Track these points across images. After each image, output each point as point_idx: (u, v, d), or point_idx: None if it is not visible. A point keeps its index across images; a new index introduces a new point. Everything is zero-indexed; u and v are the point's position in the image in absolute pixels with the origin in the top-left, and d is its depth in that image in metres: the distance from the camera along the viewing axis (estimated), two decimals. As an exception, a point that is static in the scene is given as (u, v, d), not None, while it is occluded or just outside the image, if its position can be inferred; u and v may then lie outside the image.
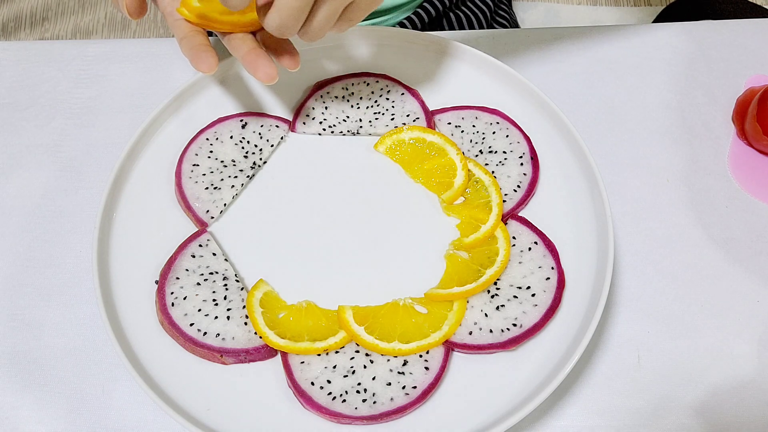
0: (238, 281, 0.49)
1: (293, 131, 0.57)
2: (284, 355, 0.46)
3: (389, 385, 0.45)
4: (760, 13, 0.82)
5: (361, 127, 0.56)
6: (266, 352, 0.47)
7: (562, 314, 0.48)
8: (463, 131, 0.56)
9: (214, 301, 0.48)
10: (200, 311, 0.48)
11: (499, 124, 0.56)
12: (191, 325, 0.47)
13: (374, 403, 0.45)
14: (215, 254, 0.50)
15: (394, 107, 0.57)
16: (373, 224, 0.52)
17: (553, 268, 0.49)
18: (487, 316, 0.48)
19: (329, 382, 0.46)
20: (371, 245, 0.52)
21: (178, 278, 0.49)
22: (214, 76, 0.57)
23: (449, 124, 0.56)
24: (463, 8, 0.79)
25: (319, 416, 0.45)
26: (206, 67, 0.46)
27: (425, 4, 0.75)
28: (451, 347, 0.47)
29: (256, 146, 0.55)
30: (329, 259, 0.51)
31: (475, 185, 0.53)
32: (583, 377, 0.50)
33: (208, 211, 0.52)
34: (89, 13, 1.20)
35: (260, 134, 0.56)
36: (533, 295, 0.48)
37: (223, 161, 0.54)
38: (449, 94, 0.58)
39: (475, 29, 0.78)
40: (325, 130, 0.56)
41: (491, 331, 0.47)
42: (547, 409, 0.49)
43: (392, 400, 0.45)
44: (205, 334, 0.47)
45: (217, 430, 0.44)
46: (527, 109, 0.57)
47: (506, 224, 0.51)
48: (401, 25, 0.74)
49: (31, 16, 1.19)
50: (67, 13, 1.20)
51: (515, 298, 0.48)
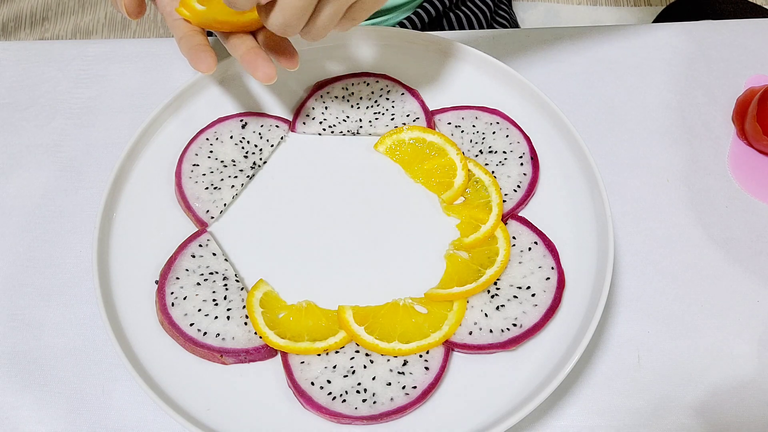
0: (238, 281, 0.49)
1: (293, 131, 0.57)
2: (284, 355, 0.46)
3: (389, 385, 0.45)
4: (760, 13, 0.82)
5: (361, 127, 0.56)
6: (266, 352, 0.47)
7: (562, 314, 0.48)
8: (463, 131, 0.56)
9: (214, 301, 0.48)
10: (200, 311, 0.48)
11: (499, 124, 0.56)
12: (191, 325, 0.47)
13: (374, 403, 0.45)
14: (215, 254, 0.50)
15: (394, 107, 0.57)
16: (373, 224, 0.52)
17: (553, 268, 0.49)
18: (487, 316, 0.48)
19: (329, 382, 0.46)
20: (371, 245, 0.52)
21: (178, 278, 0.49)
22: (213, 76, 0.57)
23: (449, 124, 0.56)
24: (463, 8, 0.79)
25: (319, 416, 0.45)
26: (205, 66, 0.46)
27: (425, 4, 0.75)
28: (451, 347, 0.47)
29: (256, 146, 0.55)
30: (329, 259, 0.51)
31: (475, 185, 0.53)
32: (583, 377, 0.50)
33: (208, 211, 0.52)
34: (89, 13, 1.20)
35: (260, 134, 0.56)
36: (533, 295, 0.48)
37: (223, 161, 0.54)
38: (449, 94, 0.58)
39: (475, 29, 0.78)
40: (325, 130, 0.56)
41: (491, 331, 0.47)
42: (547, 409, 0.49)
43: (392, 400, 0.45)
44: (205, 334, 0.47)
45: (217, 430, 0.45)
46: (527, 109, 0.57)
47: (506, 224, 0.51)
48: (401, 25, 0.74)
49: (31, 16, 1.19)
50: (67, 13, 1.20)
51: (515, 298, 0.48)
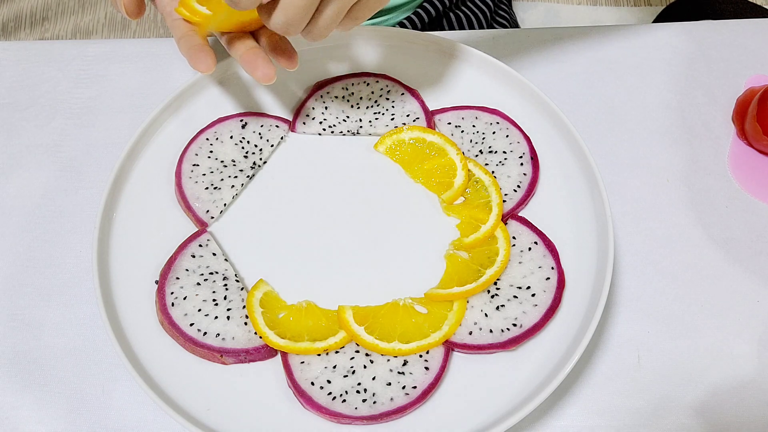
0: (238, 281, 0.49)
1: (293, 131, 0.57)
2: (284, 355, 0.46)
3: (389, 385, 0.45)
4: (760, 13, 0.82)
5: (361, 127, 0.56)
6: (266, 352, 0.47)
7: (562, 314, 0.48)
8: (463, 131, 0.56)
9: (214, 301, 0.48)
10: (200, 311, 0.48)
11: (499, 124, 0.56)
12: (191, 325, 0.47)
13: (374, 403, 0.45)
14: (215, 254, 0.50)
15: (394, 107, 0.57)
16: (373, 224, 0.52)
17: (553, 268, 0.49)
18: (487, 316, 0.48)
19: (329, 382, 0.46)
20: (371, 245, 0.52)
21: (178, 278, 0.49)
22: (213, 76, 0.57)
23: (449, 124, 0.56)
24: (463, 8, 0.79)
25: (319, 416, 0.45)
26: (204, 66, 0.46)
27: (425, 4, 0.75)
28: (451, 347, 0.47)
29: (256, 146, 0.55)
30: (329, 259, 0.51)
31: (475, 185, 0.53)
32: (583, 377, 0.50)
33: (208, 211, 0.52)
34: (89, 13, 1.20)
35: (260, 134, 0.56)
36: (533, 295, 0.48)
37: (223, 161, 0.54)
38: (449, 94, 0.58)
39: (475, 29, 0.78)
40: (325, 130, 0.56)
41: (491, 331, 0.47)
42: (547, 409, 0.49)
43: (392, 400, 0.45)
44: (205, 334, 0.47)
45: (217, 430, 0.44)
46: (527, 109, 0.57)
47: (506, 224, 0.51)
48: (401, 25, 0.74)
49: (31, 16, 1.19)
50: (67, 13, 1.20)
51: (515, 298, 0.48)
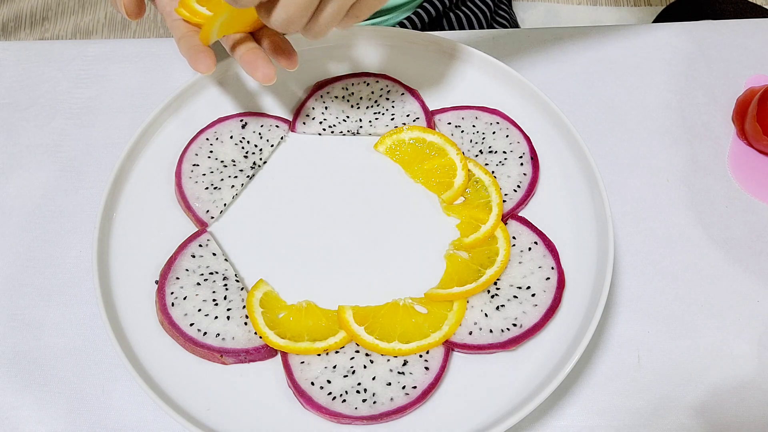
0: (238, 281, 0.49)
1: (293, 131, 0.57)
2: (284, 355, 0.46)
3: (389, 385, 0.45)
4: (760, 13, 0.82)
5: (361, 127, 0.56)
6: (266, 352, 0.47)
7: (562, 314, 0.48)
8: (463, 131, 0.56)
9: (214, 301, 0.48)
10: (200, 311, 0.48)
11: (499, 124, 0.56)
12: (191, 325, 0.47)
13: (374, 403, 0.45)
14: (215, 254, 0.50)
15: (394, 107, 0.57)
16: (373, 224, 0.52)
17: (553, 268, 0.49)
18: (487, 316, 0.48)
19: (329, 382, 0.46)
20: (371, 245, 0.52)
21: (178, 278, 0.49)
22: (213, 76, 0.57)
23: (449, 124, 0.56)
24: (463, 8, 0.79)
25: (319, 416, 0.45)
26: (204, 67, 0.46)
27: (425, 4, 0.75)
28: (451, 347, 0.47)
29: (256, 146, 0.55)
30: (329, 259, 0.51)
31: (475, 185, 0.53)
32: (583, 377, 0.50)
33: (208, 211, 0.52)
34: (89, 13, 1.20)
35: (260, 134, 0.56)
36: (533, 295, 0.48)
37: (223, 161, 0.54)
38: (449, 94, 0.58)
39: (475, 29, 0.78)
40: (325, 130, 0.56)
41: (491, 331, 0.47)
42: (547, 409, 0.49)
43: (392, 400, 0.45)
44: (205, 334, 0.47)
45: (217, 430, 0.44)
46: (527, 109, 0.57)
47: (506, 224, 0.51)
48: (401, 25, 0.74)
49: (31, 16, 1.19)
50: (67, 13, 1.20)
51: (515, 298, 0.48)
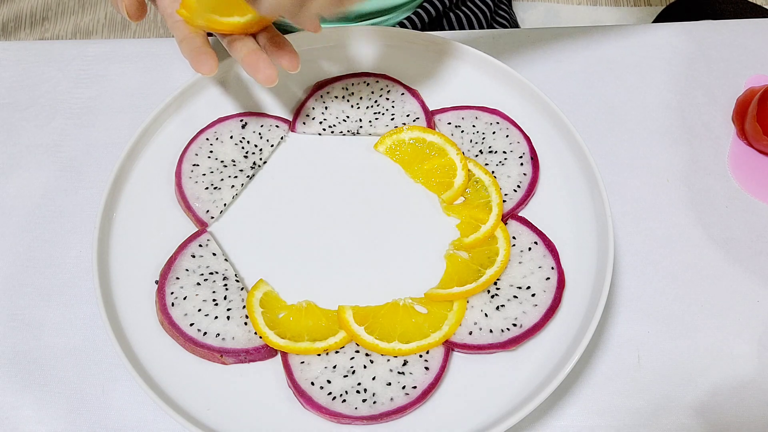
0: (238, 281, 0.49)
1: (293, 131, 0.57)
2: (284, 355, 0.46)
3: (389, 385, 0.45)
4: (760, 13, 0.82)
5: (361, 127, 0.56)
6: (266, 352, 0.47)
7: (562, 314, 0.48)
8: (463, 131, 0.56)
9: (214, 301, 0.48)
10: (200, 311, 0.48)
11: (499, 124, 0.56)
12: (191, 325, 0.47)
13: (374, 403, 0.45)
14: (215, 254, 0.50)
15: (394, 107, 0.57)
16: (373, 224, 0.52)
17: (553, 268, 0.49)
18: (487, 316, 0.48)
19: (329, 382, 0.46)
20: (371, 245, 0.52)
21: (178, 278, 0.49)
22: (213, 76, 0.57)
23: (449, 124, 0.56)
24: (463, 8, 0.79)
25: (319, 416, 0.45)
26: (207, 69, 0.46)
27: (425, 4, 0.75)
28: (451, 347, 0.47)
29: (256, 146, 0.55)
30: (329, 259, 0.51)
31: (475, 185, 0.53)
32: (583, 377, 0.50)
33: (208, 211, 0.52)
34: (89, 13, 1.20)
35: (260, 134, 0.56)
36: (533, 295, 0.48)
37: (223, 161, 0.54)
38: (449, 94, 0.58)
39: (475, 29, 0.78)
40: (325, 130, 0.56)
41: (491, 331, 0.47)
42: (547, 409, 0.49)
43: (392, 400, 0.45)
44: (205, 334, 0.47)
45: (217, 430, 0.45)
46: (527, 109, 0.57)
47: (506, 224, 0.51)
48: (401, 25, 0.74)
49: (31, 16, 1.19)
50: (67, 13, 1.20)
51: (515, 298, 0.48)
